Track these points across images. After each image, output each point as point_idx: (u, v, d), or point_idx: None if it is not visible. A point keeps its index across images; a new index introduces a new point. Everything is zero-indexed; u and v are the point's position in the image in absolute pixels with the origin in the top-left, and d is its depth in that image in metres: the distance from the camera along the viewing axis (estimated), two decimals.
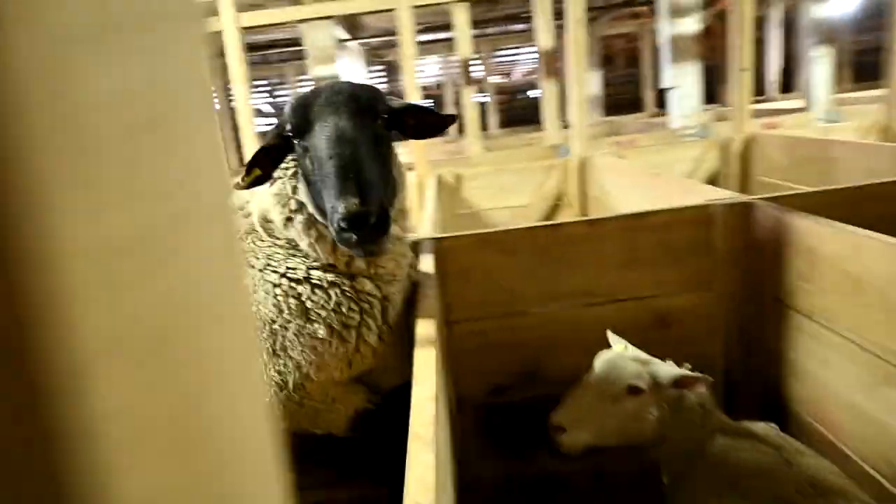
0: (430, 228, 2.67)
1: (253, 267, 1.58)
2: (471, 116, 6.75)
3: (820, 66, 7.14)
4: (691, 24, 6.99)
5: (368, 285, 1.59)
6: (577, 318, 2.55)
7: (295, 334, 1.54)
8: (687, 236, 2.49)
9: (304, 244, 1.54)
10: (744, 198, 2.51)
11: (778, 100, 11.94)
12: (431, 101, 21.99)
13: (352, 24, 8.64)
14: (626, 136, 6.91)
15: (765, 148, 4.87)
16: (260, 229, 1.60)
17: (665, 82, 7.22)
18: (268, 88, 19.17)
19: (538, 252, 2.47)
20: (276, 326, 1.54)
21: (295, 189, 1.56)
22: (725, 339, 2.57)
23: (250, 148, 4.75)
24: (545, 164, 5.22)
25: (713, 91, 11.73)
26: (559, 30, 8.41)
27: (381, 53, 13.83)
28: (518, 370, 2.59)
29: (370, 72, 15.45)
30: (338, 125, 1.42)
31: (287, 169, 1.58)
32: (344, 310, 1.55)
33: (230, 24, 4.65)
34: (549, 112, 6.80)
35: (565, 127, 6.38)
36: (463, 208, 5.21)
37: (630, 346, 2.07)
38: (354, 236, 1.32)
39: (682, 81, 7.05)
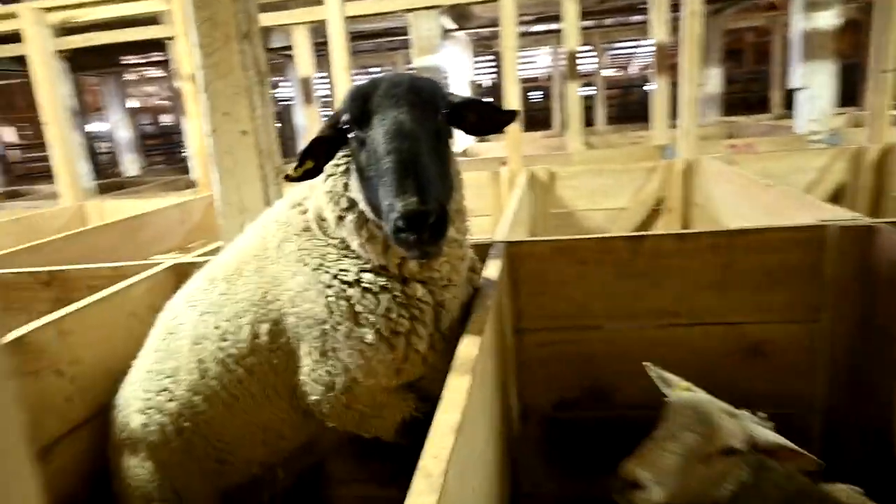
0: (506, 231, 2.55)
1: (306, 265, 1.56)
2: (574, 111, 6.52)
3: None
4: (829, 18, 6.31)
5: (420, 290, 1.52)
6: (655, 340, 2.35)
7: (344, 337, 1.50)
8: (793, 259, 2.22)
9: (355, 244, 1.50)
10: (865, 220, 2.20)
11: None
12: (540, 92, 21.61)
13: (459, 13, 8.60)
14: (742, 139, 6.39)
15: None
16: (315, 227, 1.58)
17: (794, 81, 6.58)
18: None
19: (618, 265, 2.30)
20: (326, 327, 1.52)
21: (347, 186, 1.51)
22: (830, 377, 2.28)
23: None
24: (647, 165, 4.92)
25: (853, 93, 10.63)
26: (678, 23, 7.92)
27: (491, 44, 13.71)
28: (587, 386, 2.44)
29: (477, 62, 15.40)
30: (397, 118, 1.35)
31: (339, 165, 1.53)
32: (393, 316, 1.49)
33: (335, 13, 4.73)
34: (658, 110, 6.42)
35: (675, 127, 6.00)
36: (556, 207, 5.04)
37: (694, 387, 1.85)
38: (412, 236, 1.24)
39: (813, 81, 6.38)
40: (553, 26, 13.63)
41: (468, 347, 1.33)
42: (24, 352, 1.76)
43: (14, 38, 5.76)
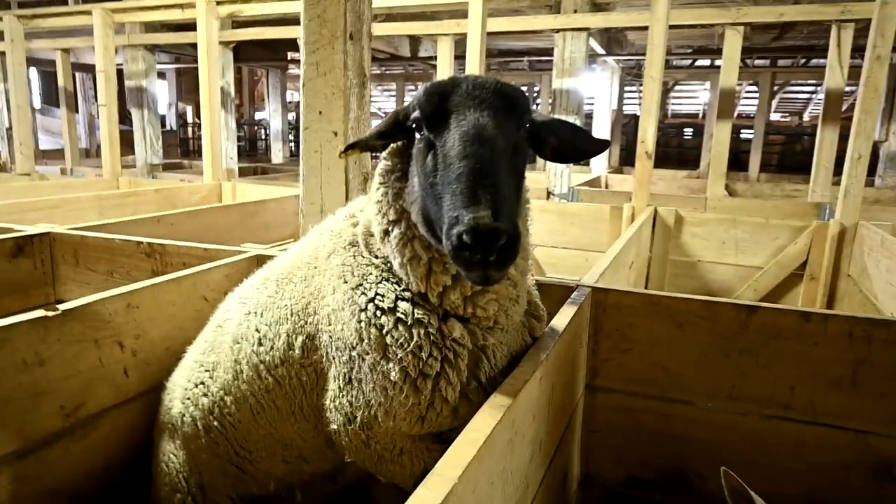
0: (597, 274, 2.29)
1: (346, 283, 1.43)
2: (720, 153, 5.98)
3: None
4: None
5: (459, 330, 1.34)
6: (757, 431, 1.99)
7: (370, 368, 1.36)
8: None
9: (395, 263, 1.35)
10: None
11: None
12: (691, 129, 20.36)
13: (610, 38, 8.26)
14: None
15: None
16: (361, 243, 1.45)
17: None
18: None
19: (723, 335, 1.97)
20: (354, 353, 1.39)
21: (399, 194, 1.37)
22: None
23: None
24: (794, 223, 4.35)
25: None
26: (858, 69, 7.10)
27: (642, 73, 13.13)
28: (665, 467, 2.11)
29: (627, 91, 14.81)
30: (479, 121, 1.21)
31: (393, 171, 1.40)
32: (424, 355, 1.33)
33: (476, 28, 4.67)
34: (820, 163, 5.71)
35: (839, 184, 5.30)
36: (679, 255, 4.60)
37: None
38: (477, 256, 1.06)
39: None
40: (718, 62, 12.78)
41: (486, 417, 1.12)
42: (88, 319, 1.81)
43: (193, 26, 6.35)
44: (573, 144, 1.38)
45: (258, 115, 22.60)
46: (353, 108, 2.13)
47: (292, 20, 6.85)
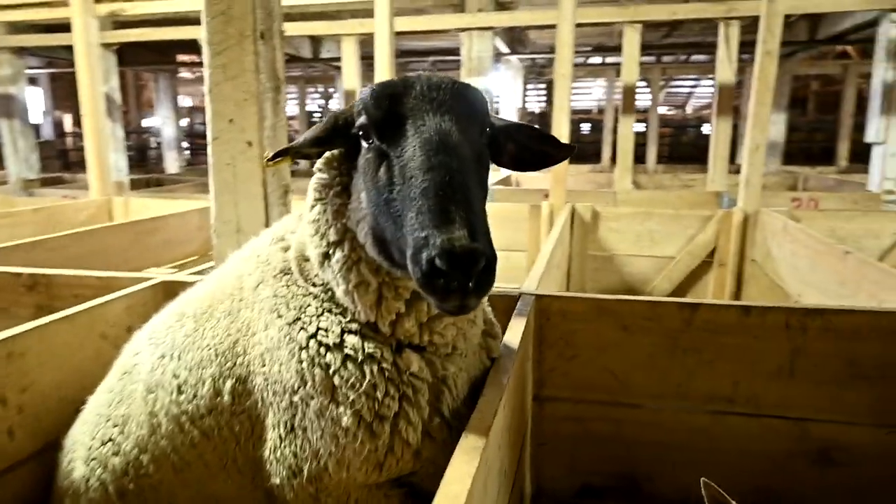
0: (537, 280, 2.22)
1: (280, 317, 1.25)
2: (626, 148, 6.16)
3: None
4: None
5: (416, 363, 1.20)
6: (704, 427, 1.99)
7: (316, 415, 1.20)
8: (884, 351, 1.84)
9: (339, 291, 1.20)
10: None
11: None
12: (589, 125, 21.17)
13: (514, 37, 8.36)
14: (808, 192, 5.92)
15: None
16: (296, 270, 1.28)
17: (870, 135, 6.08)
18: None
19: (667, 335, 1.94)
20: (297, 398, 1.22)
21: (340, 211, 1.20)
22: None
23: None
24: (702, 213, 4.52)
25: None
26: (743, 64, 7.55)
27: (543, 71, 13.45)
28: (616, 473, 2.08)
29: (528, 89, 15.15)
30: (441, 127, 1.06)
31: (331, 186, 1.23)
32: (379, 395, 1.18)
33: (383, 28, 4.52)
34: (717, 154, 6.02)
35: (733, 172, 5.60)
36: (597, 249, 4.67)
37: None
38: (454, 283, 0.93)
39: (891, 137, 5.88)
40: (610, 59, 13.31)
41: (461, 464, 1.00)
42: None
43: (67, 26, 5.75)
44: (535, 150, 1.27)
45: (146, 122, 21.19)
46: (269, 115, 1.93)
47: (182, 20, 6.39)
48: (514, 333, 1.62)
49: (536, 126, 1.42)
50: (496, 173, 8.33)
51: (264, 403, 1.26)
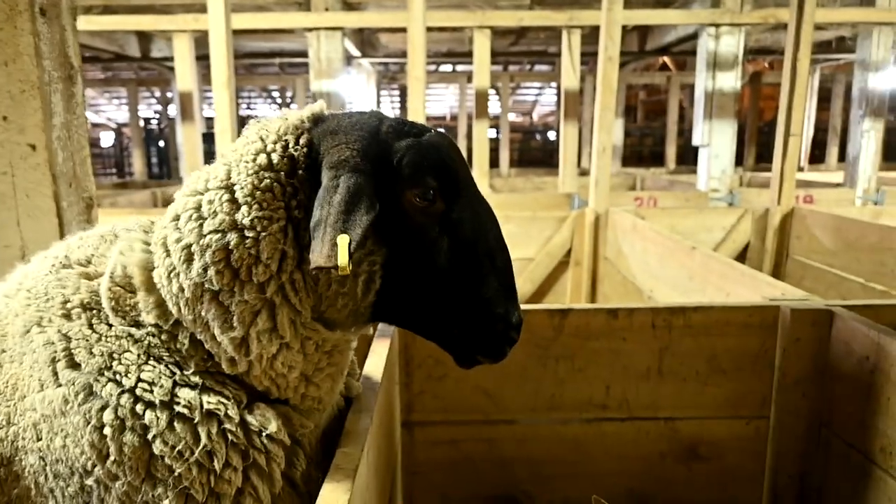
0: None
1: (73, 368, 0.93)
2: (481, 152, 6.20)
3: (867, 140, 6.56)
4: (732, 81, 6.46)
5: (274, 423, 0.95)
6: (579, 437, 1.92)
7: (122, 499, 0.92)
8: (739, 344, 1.87)
9: (223, 334, 0.91)
10: (820, 302, 1.89)
11: (807, 171, 11.42)
12: (442, 130, 21.59)
13: (364, 40, 8.17)
14: (647, 192, 6.34)
15: (807, 225, 4.27)
16: (107, 305, 0.97)
17: (696, 139, 6.66)
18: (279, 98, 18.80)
19: (535, 345, 1.84)
20: (90, 481, 0.91)
21: (277, 248, 0.92)
22: (775, 485, 1.92)
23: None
24: (556, 214, 4.62)
25: (737, 154, 11.26)
26: (582, 73, 7.95)
27: (398, 77, 13.41)
28: (493, 496, 1.94)
29: (383, 95, 15.05)
30: (485, 201, 1.08)
31: (271, 220, 0.92)
32: (217, 465, 0.92)
33: (219, 25, 4.10)
34: (566, 157, 6.25)
35: (582, 174, 5.82)
36: None
37: None
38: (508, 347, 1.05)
39: (716, 140, 6.48)
40: (461, 67, 13.58)
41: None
42: None
43: None
44: None
45: None
46: (59, 112, 1.55)
47: None
48: (377, 360, 1.42)
49: None
50: None
51: (40, 492, 0.94)
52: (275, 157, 0.95)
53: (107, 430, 0.90)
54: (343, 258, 0.84)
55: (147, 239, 1.03)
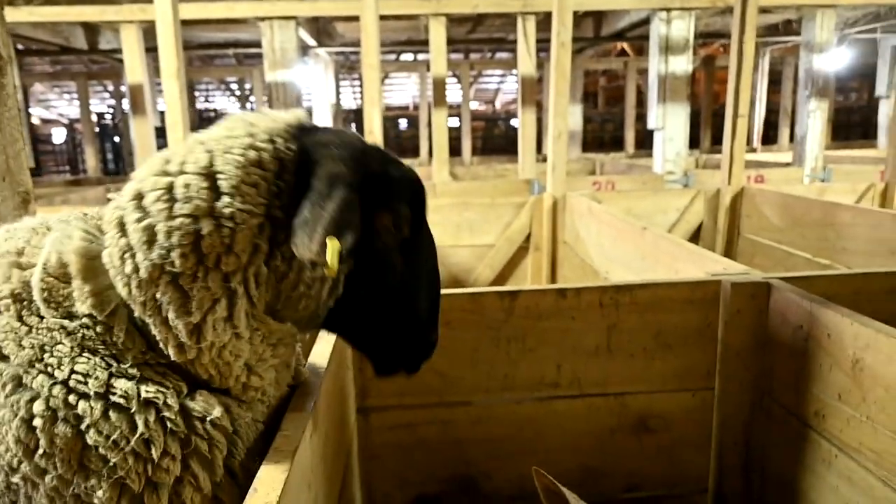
0: None
1: (6, 360, 0.91)
2: (441, 140, 6.20)
3: (813, 120, 6.79)
4: (684, 64, 6.58)
5: (217, 409, 0.96)
6: (532, 415, 1.96)
7: (50, 497, 0.90)
8: (683, 319, 1.93)
9: (170, 316, 0.91)
10: (758, 275, 1.96)
11: (759, 152, 11.72)
12: (406, 120, 21.52)
13: (320, 29, 8.06)
14: (605, 176, 6.44)
15: (756, 204, 4.40)
16: (38, 296, 0.95)
17: (651, 122, 6.79)
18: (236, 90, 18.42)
19: (487, 326, 1.87)
20: (16, 479, 0.89)
21: (250, 243, 0.94)
22: (721, 453, 2.00)
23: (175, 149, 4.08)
24: (515, 200, 4.66)
25: (693, 137, 11.49)
26: (541, 59, 8.01)
27: (357, 66, 13.27)
28: (451, 477, 1.97)
29: (343, 85, 14.89)
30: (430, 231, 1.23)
31: (252, 215, 0.93)
32: (154, 454, 0.91)
33: (166, 15, 4.01)
34: (525, 144, 6.29)
35: (541, 161, 5.88)
36: None
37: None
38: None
39: (668, 123, 6.61)
40: (422, 57, 13.51)
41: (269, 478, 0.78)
42: None
43: None
44: None
45: None
46: None
47: None
48: (325, 346, 1.42)
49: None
50: None
51: None
52: (265, 156, 0.97)
53: (37, 422, 0.89)
54: (333, 262, 0.88)
55: (87, 227, 1.02)
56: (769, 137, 13.37)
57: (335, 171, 0.97)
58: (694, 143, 10.67)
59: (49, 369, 0.91)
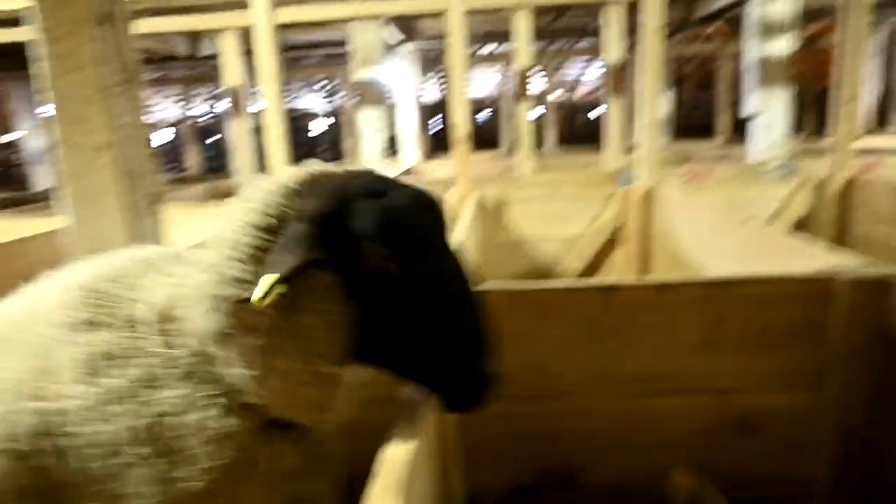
0: None
1: (122, 372, 1.02)
2: (524, 132, 6.16)
3: None
4: (785, 45, 6.19)
5: (291, 457, 1.11)
6: (631, 411, 1.94)
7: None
8: (793, 316, 1.85)
9: (249, 372, 1.01)
10: (879, 271, 1.84)
11: (874, 136, 10.85)
12: (489, 111, 21.42)
13: (404, 26, 8.18)
14: (699, 165, 6.18)
15: (868, 195, 4.09)
16: (149, 329, 1.06)
17: (748, 109, 6.43)
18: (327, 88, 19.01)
19: (586, 321, 1.87)
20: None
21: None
22: (834, 456, 1.90)
23: (278, 151, 4.30)
24: (605, 192, 4.58)
25: (797, 121, 10.79)
26: (628, 46, 7.75)
27: (441, 59, 13.38)
28: (550, 469, 1.99)
29: (426, 78, 15.05)
30: (452, 257, 1.12)
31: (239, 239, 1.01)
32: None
33: (263, 20, 4.22)
34: (612, 133, 6.15)
35: (629, 151, 5.73)
36: (506, 234, 4.62)
37: None
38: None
39: (769, 108, 6.24)
40: (501, 49, 13.43)
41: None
42: None
43: None
44: None
45: (7, 137, 19.26)
46: (122, 113, 1.66)
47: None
48: None
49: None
50: (398, 164, 8.16)
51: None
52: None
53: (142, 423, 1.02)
54: (256, 294, 0.91)
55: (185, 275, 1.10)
56: (886, 120, 12.34)
57: (300, 210, 1.01)
58: (797, 127, 10.03)
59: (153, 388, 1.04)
